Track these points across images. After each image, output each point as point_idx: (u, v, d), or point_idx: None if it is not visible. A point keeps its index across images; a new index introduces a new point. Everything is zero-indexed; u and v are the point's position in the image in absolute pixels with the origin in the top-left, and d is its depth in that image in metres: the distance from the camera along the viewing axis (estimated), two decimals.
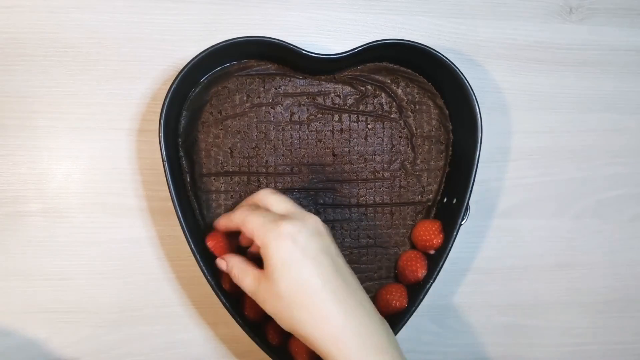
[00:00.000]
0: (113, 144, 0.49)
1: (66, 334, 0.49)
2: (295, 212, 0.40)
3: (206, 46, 0.44)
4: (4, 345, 0.48)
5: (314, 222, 0.39)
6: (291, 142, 0.50)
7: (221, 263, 0.43)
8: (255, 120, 0.49)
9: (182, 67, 0.44)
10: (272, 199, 0.41)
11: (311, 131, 0.50)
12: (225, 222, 0.43)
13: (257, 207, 0.41)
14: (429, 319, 0.53)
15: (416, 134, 0.51)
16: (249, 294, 0.40)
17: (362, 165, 0.50)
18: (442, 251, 0.47)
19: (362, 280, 0.50)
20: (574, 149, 0.55)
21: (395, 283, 0.50)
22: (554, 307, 0.55)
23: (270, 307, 0.38)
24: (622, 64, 0.55)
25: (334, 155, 0.50)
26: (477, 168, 0.47)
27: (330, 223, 0.50)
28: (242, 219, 0.40)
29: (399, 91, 0.50)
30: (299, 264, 0.36)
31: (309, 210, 0.49)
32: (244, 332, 0.45)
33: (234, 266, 0.41)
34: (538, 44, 0.54)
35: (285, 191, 0.49)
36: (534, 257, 0.55)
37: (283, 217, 0.38)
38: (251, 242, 0.43)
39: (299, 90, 0.50)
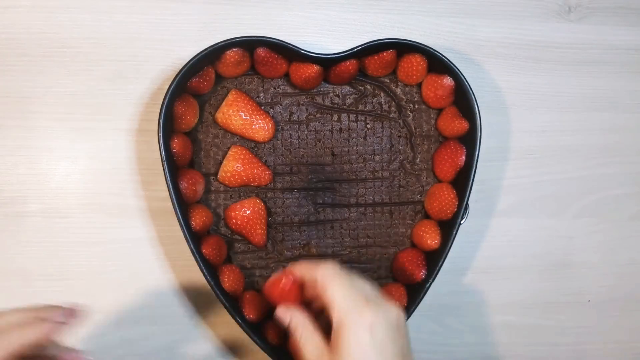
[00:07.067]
0: (112, 144, 0.49)
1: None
2: (376, 297, 0.37)
3: (206, 46, 0.44)
4: None
5: (395, 314, 0.36)
6: (290, 141, 0.50)
7: (284, 316, 0.39)
8: None
9: (181, 67, 0.44)
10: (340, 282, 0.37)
11: (310, 131, 0.50)
12: (304, 270, 0.39)
13: (342, 273, 0.38)
14: (429, 319, 0.53)
15: (415, 133, 0.51)
16: None
17: (361, 164, 0.50)
18: (442, 251, 0.47)
19: None
20: (573, 148, 0.55)
21: (394, 283, 0.50)
22: (553, 306, 0.55)
23: None
24: (621, 63, 0.55)
25: (333, 154, 0.50)
26: (476, 168, 0.47)
27: (330, 223, 0.50)
28: (328, 282, 0.37)
29: (398, 90, 0.50)
30: None
31: (308, 210, 0.49)
32: (244, 332, 0.45)
33: (299, 326, 0.38)
34: (537, 43, 0.54)
35: (284, 191, 0.49)
36: (534, 257, 0.55)
37: (367, 300, 0.36)
38: (315, 296, 0.40)
39: (298, 90, 0.50)
